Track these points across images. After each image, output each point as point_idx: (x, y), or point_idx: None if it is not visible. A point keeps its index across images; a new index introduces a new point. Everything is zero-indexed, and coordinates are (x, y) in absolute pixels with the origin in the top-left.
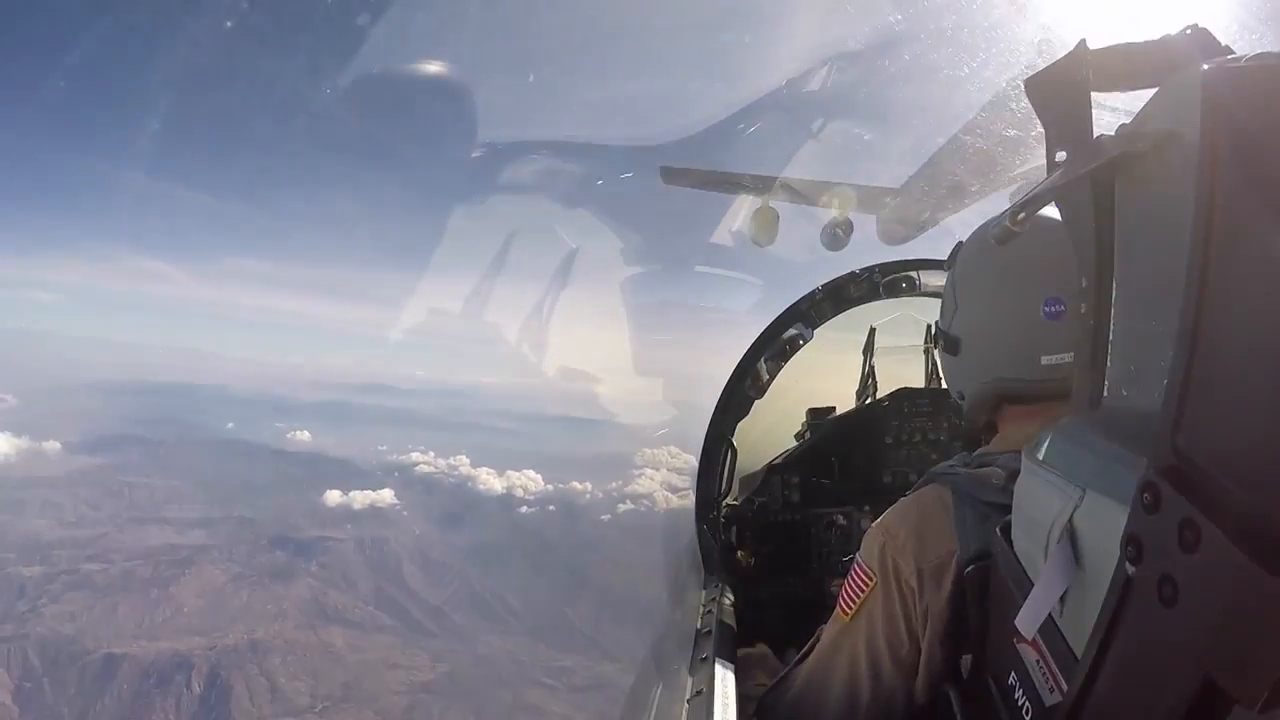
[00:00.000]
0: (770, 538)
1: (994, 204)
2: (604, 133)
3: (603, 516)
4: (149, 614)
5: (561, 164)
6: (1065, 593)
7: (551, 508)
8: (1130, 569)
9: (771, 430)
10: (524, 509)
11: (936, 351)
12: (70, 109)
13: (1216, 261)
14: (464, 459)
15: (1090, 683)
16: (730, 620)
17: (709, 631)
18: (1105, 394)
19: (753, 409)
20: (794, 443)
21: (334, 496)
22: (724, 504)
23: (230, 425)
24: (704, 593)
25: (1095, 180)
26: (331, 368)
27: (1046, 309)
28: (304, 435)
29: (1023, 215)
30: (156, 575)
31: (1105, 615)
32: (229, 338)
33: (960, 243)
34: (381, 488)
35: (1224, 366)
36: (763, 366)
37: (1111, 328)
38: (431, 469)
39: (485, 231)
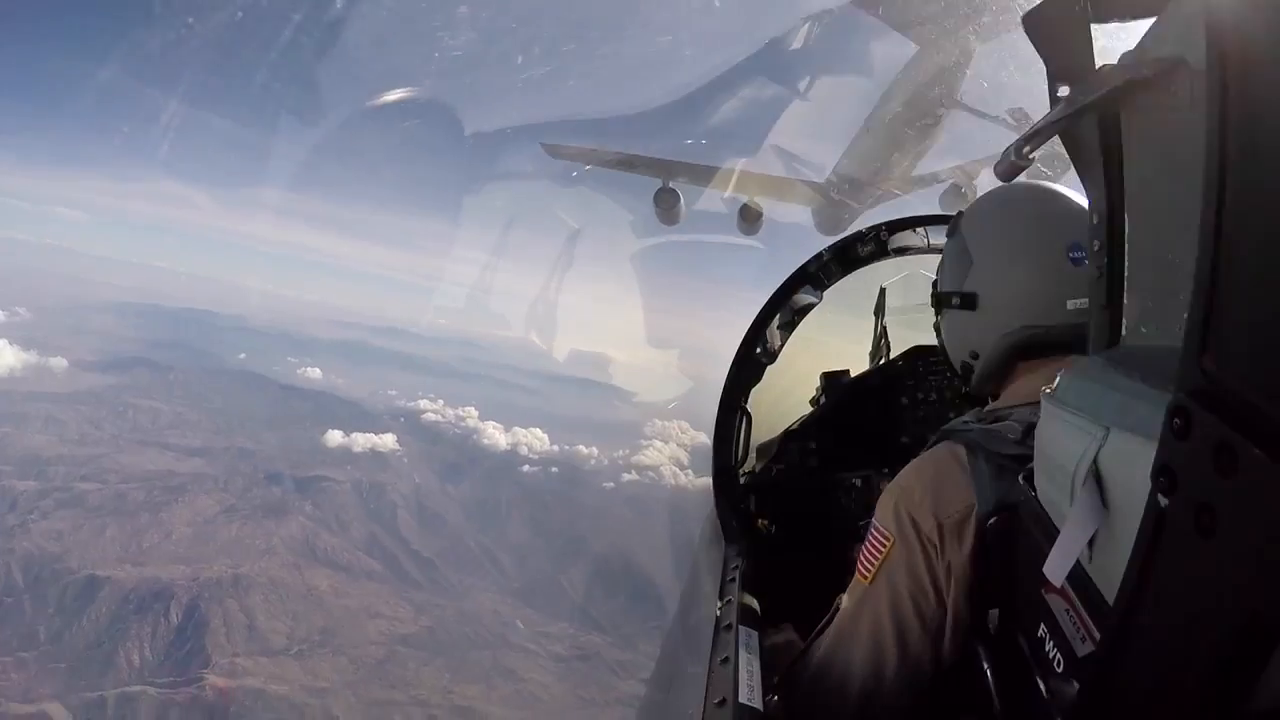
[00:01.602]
0: (790, 505)
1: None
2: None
3: (606, 484)
4: (136, 538)
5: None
6: (1093, 537)
7: (555, 469)
8: (1163, 501)
9: (786, 397)
10: (526, 468)
11: (942, 315)
12: (111, 29)
13: (1235, 180)
14: (472, 411)
15: (1125, 628)
16: (752, 588)
17: (730, 600)
18: (1124, 332)
19: (766, 375)
20: (810, 408)
21: (335, 437)
22: (742, 473)
23: (242, 356)
24: (725, 562)
25: (1101, 113)
26: (350, 307)
27: (1071, 255)
28: (315, 373)
29: (1028, 149)
30: (149, 500)
31: (1138, 554)
32: (252, 269)
33: (960, 212)
34: (385, 432)
35: (1249, 282)
36: (773, 332)
37: (1126, 263)
38: (438, 418)
39: (517, 183)
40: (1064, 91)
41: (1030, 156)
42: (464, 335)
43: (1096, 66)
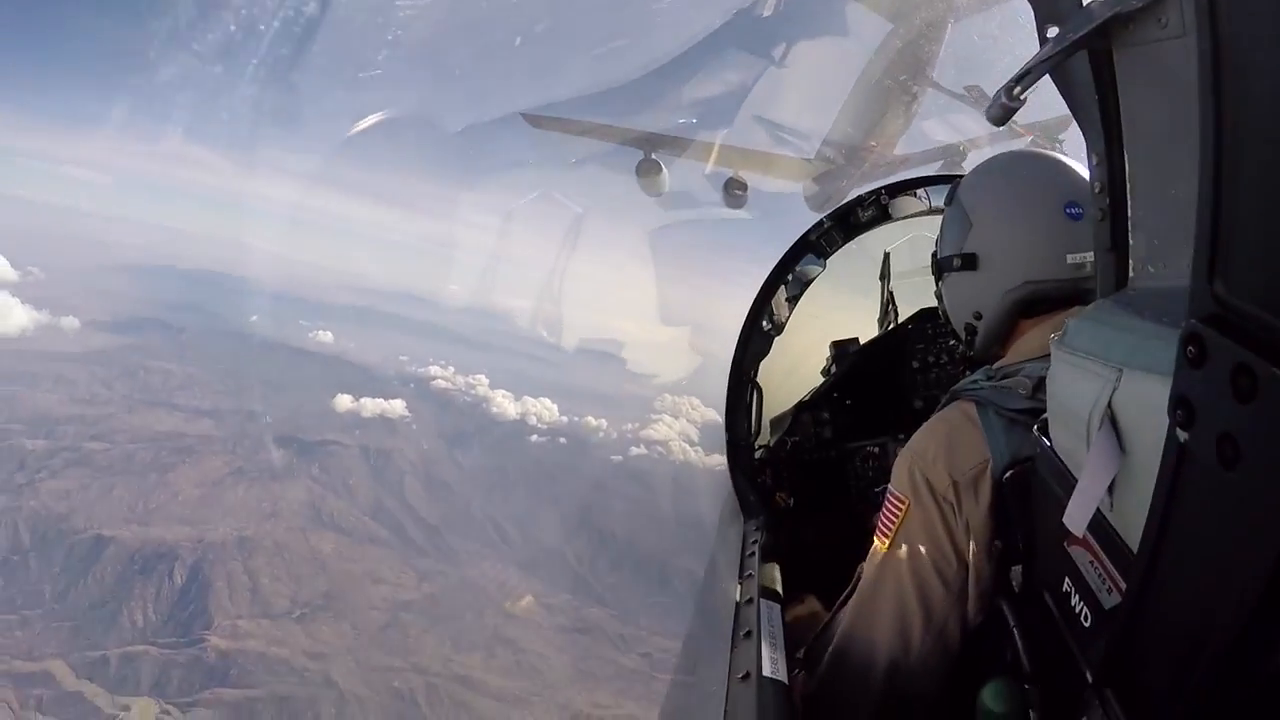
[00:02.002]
0: (807, 477)
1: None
2: None
3: (614, 457)
4: (143, 499)
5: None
6: (1113, 483)
7: (563, 440)
8: (1182, 435)
9: (797, 368)
10: (535, 437)
11: (944, 280)
12: None
13: (1231, 99)
14: (483, 379)
15: (1150, 575)
16: (773, 561)
17: (751, 575)
18: (1131, 274)
19: (774, 347)
20: (821, 378)
21: (344, 402)
22: (756, 446)
23: (254, 319)
24: (744, 537)
25: (1092, 50)
26: (366, 273)
27: (1069, 210)
28: (326, 336)
29: (1018, 89)
30: (157, 460)
31: (1160, 494)
32: (268, 233)
33: (957, 180)
34: (395, 398)
35: (1254, 202)
36: (779, 303)
37: (1130, 203)
38: (449, 385)
39: (537, 150)
40: (1053, 32)
41: (1021, 98)
42: (478, 304)
43: (1084, 3)
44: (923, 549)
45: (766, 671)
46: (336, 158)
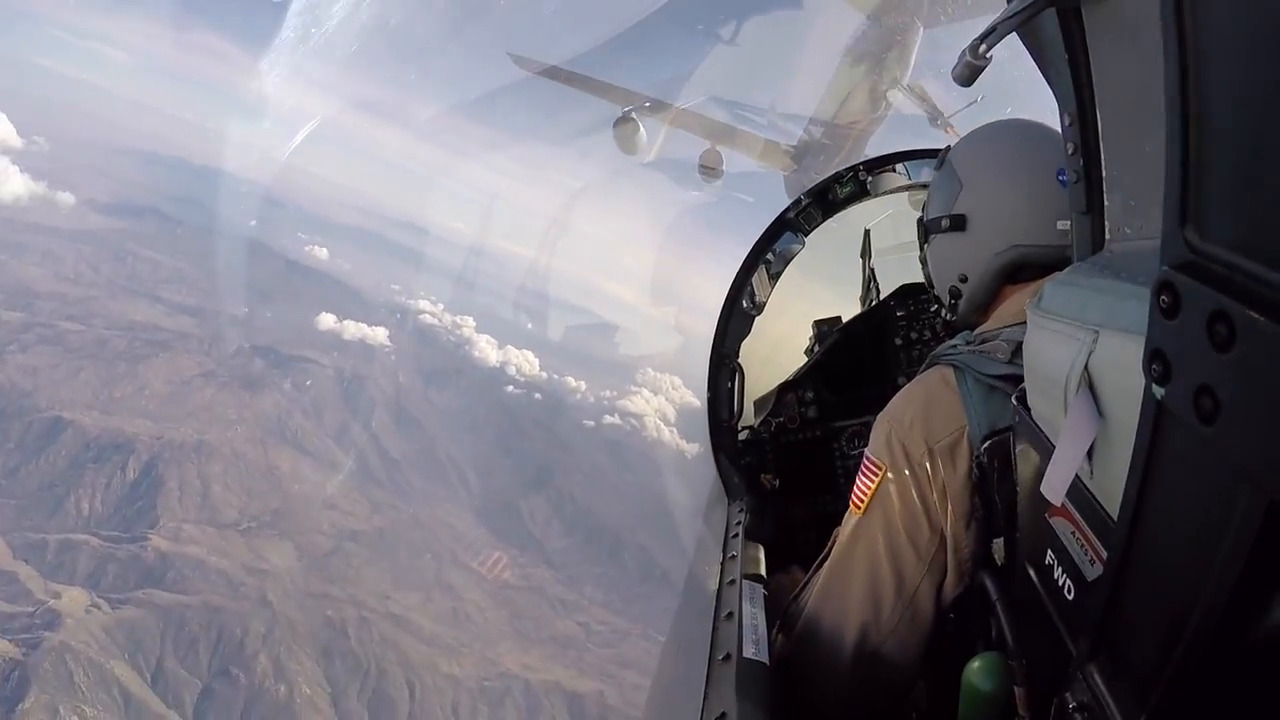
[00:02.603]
0: (792, 457)
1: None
2: None
3: (586, 422)
4: (109, 387)
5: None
6: (1092, 449)
7: (538, 395)
8: (1159, 391)
9: (780, 349)
10: (511, 388)
11: (930, 242)
12: None
13: (1197, 45)
14: (470, 321)
15: (1131, 542)
16: (756, 544)
17: (734, 556)
18: (1107, 235)
19: (756, 327)
20: (804, 358)
21: (327, 320)
22: (740, 428)
23: (253, 223)
24: (728, 518)
25: (1061, 6)
26: (375, 196)
27: (1061, 177)
28: (322, 253)
29: (983, 47)
30: (129, 350)
31: (1139, 456)
32: (285, 141)
33: (948, 145)
34: (378, 325)
35: (1224, 145)
36: (758, 282)
37: (1103, 164)
38: (435, 322)
39: (564, 99)
40: None
41: (987, 56)
42: (478, 244)
43: None
44: (896, 515)
45: (748, 653)
46: (367, 75)
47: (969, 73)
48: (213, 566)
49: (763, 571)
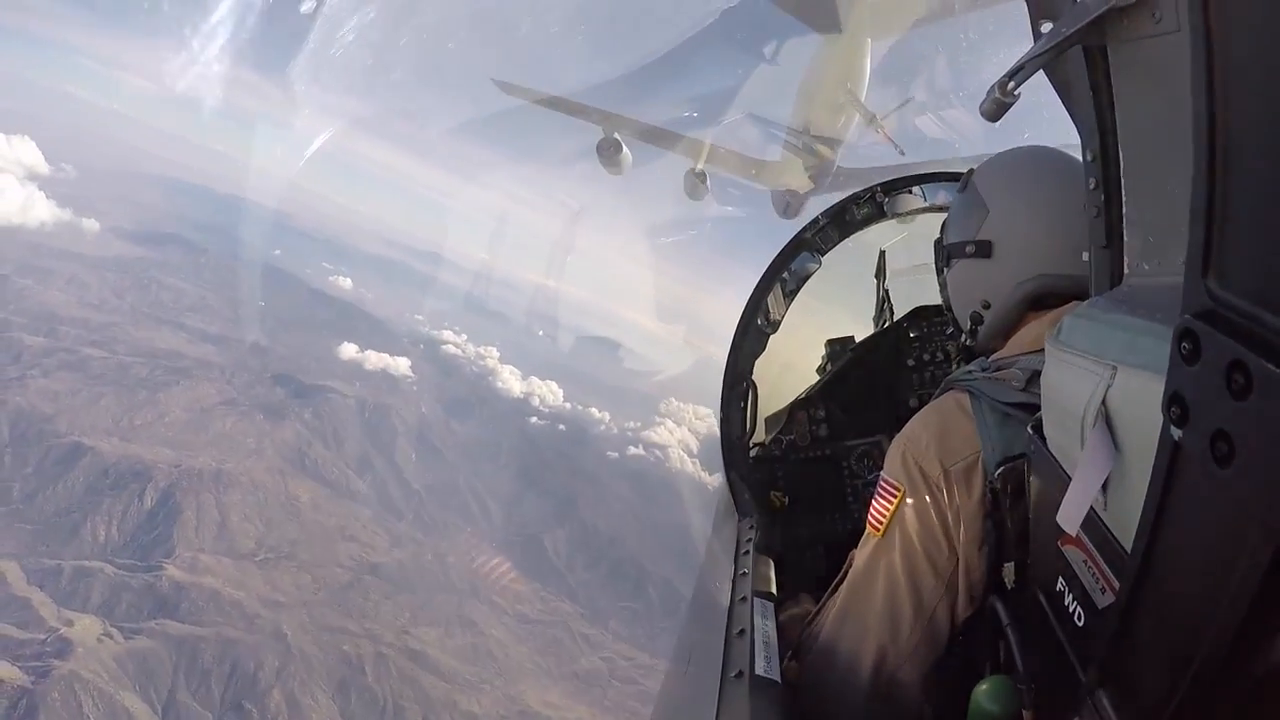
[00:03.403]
0: (802, 475)
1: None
2: None
3: (610, 453)
4: (129, 414)
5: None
6: (1107, 482)
7: (562, 427)
8: (1176, 433)
9: (792, 366)
10: (535, 419)
11: (952, 266)
12: None
13: (1225, 94)
14: (493, 351)
15: (1144, 574)
16: (767, 561)
17: (745, 573)
18: (1125, 271)
19: (769, 345)
20: (816, 377)
21: (349, 350)
22: (751, 445)
23: (277, 252)
24: (738, 535)
25: (1086, 45)
26: (400, 227)
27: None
28: (346, 283)
29: (1012, 84)
30: (151, 377)
31: (1154, 493)
32: (312, 171)
33: (972, 168)
34: (401, 355)
35: (1248, 196)
36: (773, 301)
37: (1124, 200)
38: (458, 352)
39: (579, 135)
40: (1047, 27)
41: (1015, 93)
42: (504, 275)
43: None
44: (914, 536)
45: (759, 670)
46: (395, 109)
47: (996, 109)
48: (228, 597)
49: (773, 589)
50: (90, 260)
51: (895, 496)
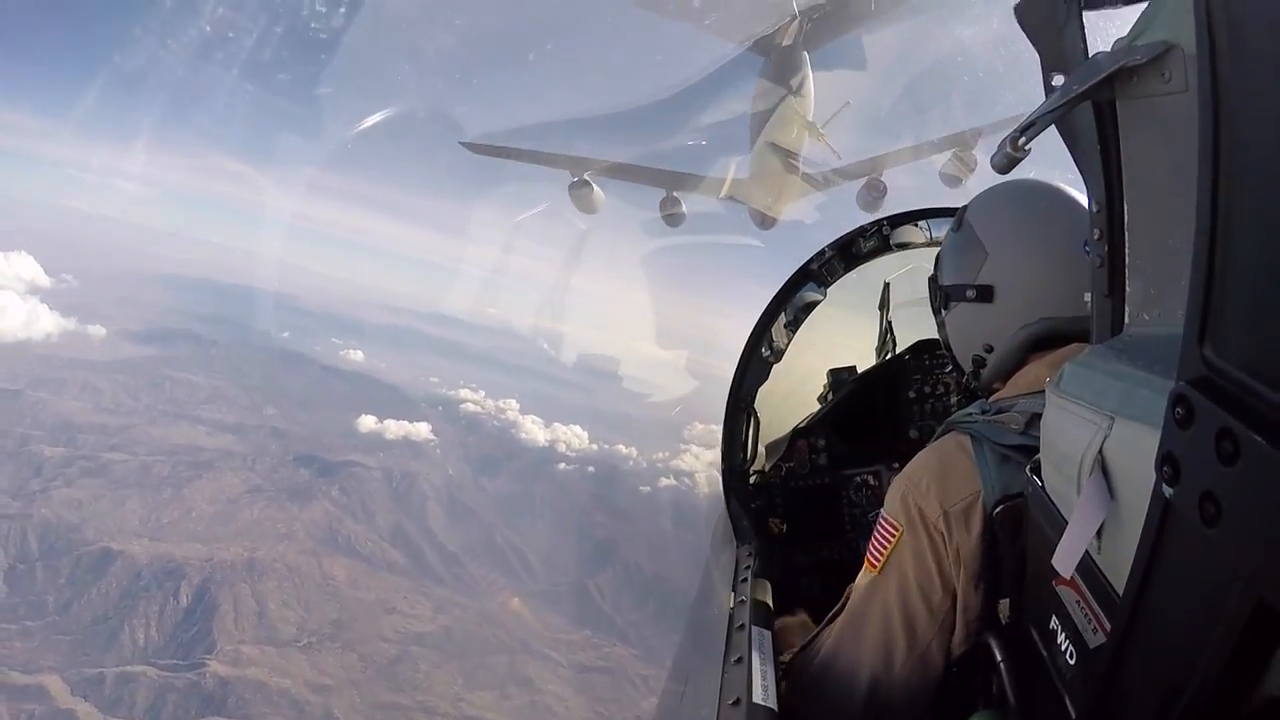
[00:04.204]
0: (801, 503)
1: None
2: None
3: (643, 488)
4: (156, 513)
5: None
6: (1101, 527)
7: (591, 469)
8: (1168, 491)
9: (794, 395)
10: (563, 465)
11: (951, 309)
12: (172, 4)
13: (1229, 164)
14: (513, 403)
15: (1134, 618)
16: (765, 587)
17: (744, 600)
18: (1126, 320)
19: (772, 374)
20: (817, 406)
21: (368, 422)
22: (752, 472)
23: (286, 335)
24: (736, 561)
25: (1096, 101)
26: (403, 293)
27: (1087, 249)
28: (357, 355)
29: (1023, 139)
30: (174, 474)
31: (1145, 544)
32: (308, 250)
33: (964, 206)
34: (419, 420)
35: (1247, 269)
36: (777, 330)
37: (1127, 251)
38: (478, 409)
39: (555, 176)
40: (1058, 81)
41: (1026, 148)
42: (512, 327)
43: (1089, 54)
44: (911, 575)
45: (757, 698)
46: (379, 178)
47: (1007, 163)
48: (275, 687)
49: (772, 617)
50: (100, 365)
51: (894, 536)
